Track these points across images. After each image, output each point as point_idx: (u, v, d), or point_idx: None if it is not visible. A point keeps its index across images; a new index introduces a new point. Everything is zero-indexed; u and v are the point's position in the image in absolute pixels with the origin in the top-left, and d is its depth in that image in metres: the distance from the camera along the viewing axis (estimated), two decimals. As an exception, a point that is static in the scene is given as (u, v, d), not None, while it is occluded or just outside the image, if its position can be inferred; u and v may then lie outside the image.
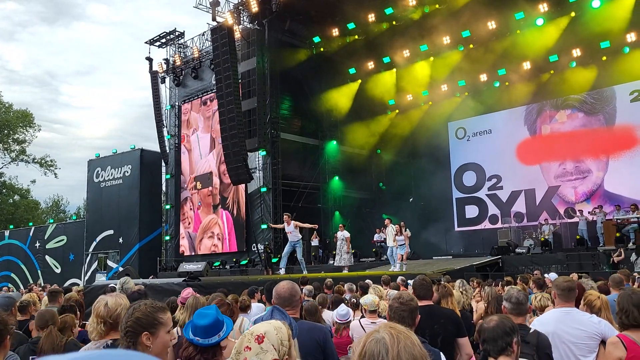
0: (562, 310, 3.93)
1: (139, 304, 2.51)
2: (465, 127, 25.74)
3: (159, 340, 2.43)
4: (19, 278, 32.59)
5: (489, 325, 2.80)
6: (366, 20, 22.37)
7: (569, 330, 3.70)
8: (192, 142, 26.53)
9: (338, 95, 25.03)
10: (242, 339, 1.97)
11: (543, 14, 20.31)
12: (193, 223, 25.93)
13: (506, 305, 3.73)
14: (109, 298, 3.02)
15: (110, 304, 2.93)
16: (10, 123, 48.04)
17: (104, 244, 28.27)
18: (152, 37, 28.14)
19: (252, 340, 1.93)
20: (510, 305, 3.71)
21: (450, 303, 5.10)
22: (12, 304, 4.81)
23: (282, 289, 3.40)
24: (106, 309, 2.91)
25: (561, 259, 16.42)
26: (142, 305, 2.49)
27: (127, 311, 2.51)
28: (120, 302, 2.96)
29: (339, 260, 16.11)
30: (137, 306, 2.48)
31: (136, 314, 2.44)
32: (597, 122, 22.08)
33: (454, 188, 25.75)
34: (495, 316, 2.90)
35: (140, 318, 2.43)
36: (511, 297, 3.75)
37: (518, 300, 3.71)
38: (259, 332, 1.94)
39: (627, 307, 3.35)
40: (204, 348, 2.50)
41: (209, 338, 2.49)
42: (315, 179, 24.43)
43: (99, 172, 29.27)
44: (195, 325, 2.52)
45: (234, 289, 8.52)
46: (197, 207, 25.72)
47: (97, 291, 10.31)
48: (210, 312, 2.56)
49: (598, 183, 21.76)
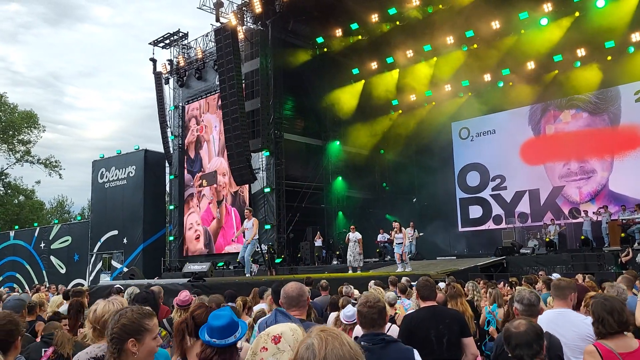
0: (555, 311, 3.92)
1: (125, 310, 2.50)
2: (468, 127, 25.71)
3: (144, 347, 2.42)
4: (24, 278, 32.69)
5: (520, 329, 2.74)
6: (369, 20, 22.37)
7: (562, 331, 3.66)
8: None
9: (341, 95, 25.04)
10: (258, 339, 1.98)
11: (547, 13, 20.26)
12: (200, 215, 25.87)
13: (518, 307, 3.69)
14: (100, 303, 3.00)
15: (99, 310, 2.93)
16: (15, 124, 48.23)
17: (108, 244, 28.34)
18: (156, 38, 28.20)
19: (268, 340, 1.94)
20: (522, 306, 3.67)
21: (460, 304, 5.07)
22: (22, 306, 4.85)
23: (290, 289, 3.41)
24: (94, 315, 2.92)
25: (566, 260, 16.36)
26: (128, 311, 2.48)
27: (113, 317, 2.48)
28: (110, 308, 2.93)
29: (352, 262, 16.09)
30: (124, 312, 2.47)
31: (122, 320, 2.42)
32: (602, 122, 22.03)
33: (457, 188, 25.73)
34: (521, 320, 2.85)
35: (125, 324, 2.41)
36: (523, 299, 3.72)
37: (530, 302, 3.68)
38: (276, 333, 1.95)
39: (601, 314, 3.17)
40: (221, 349, 2.52)
41: (226, 339, 2.51)
42: (319, 179, 24.44)
43: (104, 172, 29.35)
44: (211, 326, 2.54)
45: (239, 289, 8.53)
46: (208, 201, 25.66)
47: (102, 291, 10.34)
48: (225, 313, 2.58)
49: (603, 183, 21.70)
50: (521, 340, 2.70)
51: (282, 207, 22.70)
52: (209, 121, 26.34)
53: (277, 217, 22.53)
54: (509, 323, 2.91)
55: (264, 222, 22.88)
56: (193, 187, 26.43)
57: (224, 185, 24.88)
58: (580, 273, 10.95)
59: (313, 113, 24.92)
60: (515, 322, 2.86)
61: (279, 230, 22.55)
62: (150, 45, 28.29)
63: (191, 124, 27.29)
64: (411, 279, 9.04)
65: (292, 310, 3.35)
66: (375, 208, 26.61)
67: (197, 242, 25.94)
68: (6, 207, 47.35)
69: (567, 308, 3.95)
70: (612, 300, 3.27)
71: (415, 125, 25.91)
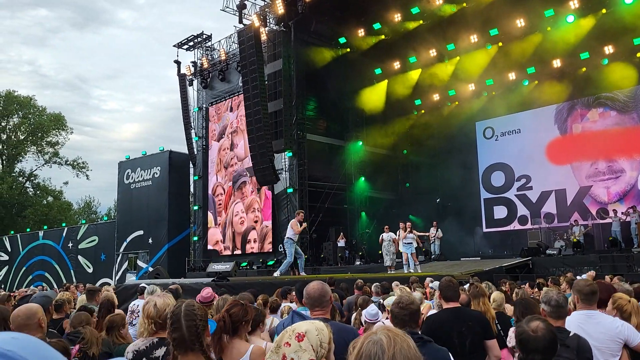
0: (584, 313, 3.85)
1: (193, 304, 2.66)
2: (493, 127, 25.38)
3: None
4: (53, 277, 33.42)
5: (538, 334, 2.62)
6: (392, 20, 22.28)
7: (592, 333, 3.60)
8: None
9: (364, 95, 24.99)
10: (283, 333, 2.00)
11: (573, 10, 19.89)
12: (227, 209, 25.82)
13: (545, 308, 3.63)
14: (157, 299, 3.15)
15: (159, 304, 3.09)
16: (43, 126, 49.37)
17: (134, 244, 28.77)
18: (180, 41, 28.56)
19: (292, 337, 1.95)
20: (550, 308, 3.60)
21: (482, 304, 5.02)
22: (49, 302, 4.96)
23: (313, 289, 3.41)
24: (155, 309, 3.07)
25: (594, 261, 16.04)
26: (196, 305, 2.65)
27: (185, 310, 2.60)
28: (168, 302, 3.14)
29: (387, 261, 16.13)
30: (192, 306, 2.63)
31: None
32: (631, 121, 21.54)
33: (482, 188, 25.42)
34: (539, 323, 2.70)
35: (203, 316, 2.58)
36: (550, 300, 3.66)
37: (558, 303, 3.61)
38: (301, 330, 1.96)
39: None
40: None
41: None
42: (341, 179, 24.40)
43: (129, 173, 29.81)
44: None
45: (262, 289, 8.60)
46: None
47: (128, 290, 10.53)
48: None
49: (632, 183, 21.22)
50: (539, 345, 2.60)
51: (305, 208, 22.70)
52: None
53: (299, 217, 22.56)
54: (524, 323, 2.75)
55: (287, 223, 22.94)
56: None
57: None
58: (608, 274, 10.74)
59: (336, 113, 24.92)
60: (532, 323, 2.71)
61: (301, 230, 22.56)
62: (174, 47, 28.67)
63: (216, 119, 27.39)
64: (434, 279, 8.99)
65: (315, 310, 3.35)
66: (398, 208, 26.46)
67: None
68: (35, 207, 48.47)
69: (594, 309, 3.89)
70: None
71: (438, 124, 25.70)
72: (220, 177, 26.79)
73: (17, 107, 49.18)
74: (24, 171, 51.47)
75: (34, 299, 5.05)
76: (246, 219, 25.29)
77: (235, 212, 25.89)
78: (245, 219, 25.36)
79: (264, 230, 24.40)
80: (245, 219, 25.36)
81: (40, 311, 3.57)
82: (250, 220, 25.01)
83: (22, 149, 49.77)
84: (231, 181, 26.08)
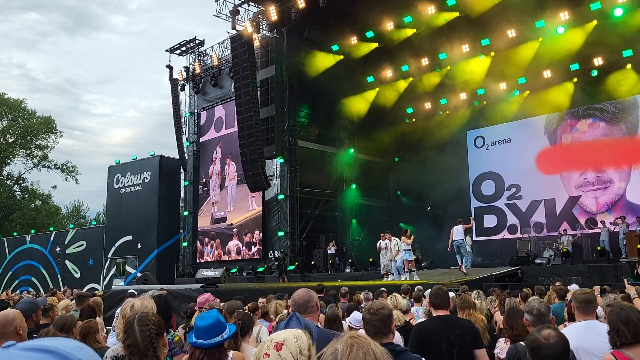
0: (583, 324, 3.84)
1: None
2: (484, 136, 25.52)
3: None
4: (40, 282, 33.04)
5: (550, 341, 2.58)
6: (385, 28, 22.37)
7: (593, 343, 3.58)
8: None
9: (356, 103, 25.04)
10: (262, 345, 1.97)
11: (564, 22, 20.09)
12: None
13: (527, 318, 3.63)
14: (135, 300, 3.08)
15: (137, 306, 3.00)
16: (33, 129, 48.98)
17: (122, 249, 28.53)
18: (173, 46, 28.51)
19: (271, 347, 1.92)
20: (532, 317, 3.60)
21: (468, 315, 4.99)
22: (34, 308, 4.86)
23: (297, 296, 3.42)
24: (132, 310, 2.98)
25: (582, 270, 16.12)
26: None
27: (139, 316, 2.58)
28: (147, 304, 3.05)
29: (384, 268, 16.23)
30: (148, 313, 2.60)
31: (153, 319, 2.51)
32: (619, 132, 21.74)
33: (472, 197, 25.51)
34: (550, 331, 2.68)
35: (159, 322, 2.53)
36: (532, 309, 3.65)
37: (540, 312, 3.61)
38: (279, 340, 1.93)
39: (616, 324, 3.09)
40: (209, 350, 2.51)
41: (213, 338, 2.50)
42: (333, 186, 24.40)
43: (119, 178, 29.61)
44: (197, 327, 2.54)
45: (251, 295, 8.54)
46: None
47: (115, 296, 10.41)
48: (211, 314, 2.58)
49: (620, 193, 21.39)
50: (552, 352, 2.56)
51: (296, 214, 22.70)
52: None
53: (290, 224, 22.54)
54: (536, 332, 2.73)
55: (277, 229, 22.90)
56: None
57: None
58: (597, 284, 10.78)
59: (328, 120, 24.94)
60: (544, 331, 2.68)
61: (292, 237, 22.55)
62: (166, 52, 28.61)
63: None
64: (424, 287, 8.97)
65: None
66: (389, 216, 26.49)
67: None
68: (23, 211, 48.02)
69: (592, 319, 3.88)
70: (628, 310, 3.16)
71: (429, 133, 25.77)
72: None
73: (7, 110, 48.76)
74: (12, 174, 51.01)
75: (18, 305, 4.97)
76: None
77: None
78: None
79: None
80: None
81: (19, 317, 3.37)
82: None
83: (11, 152, 49.29)
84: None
